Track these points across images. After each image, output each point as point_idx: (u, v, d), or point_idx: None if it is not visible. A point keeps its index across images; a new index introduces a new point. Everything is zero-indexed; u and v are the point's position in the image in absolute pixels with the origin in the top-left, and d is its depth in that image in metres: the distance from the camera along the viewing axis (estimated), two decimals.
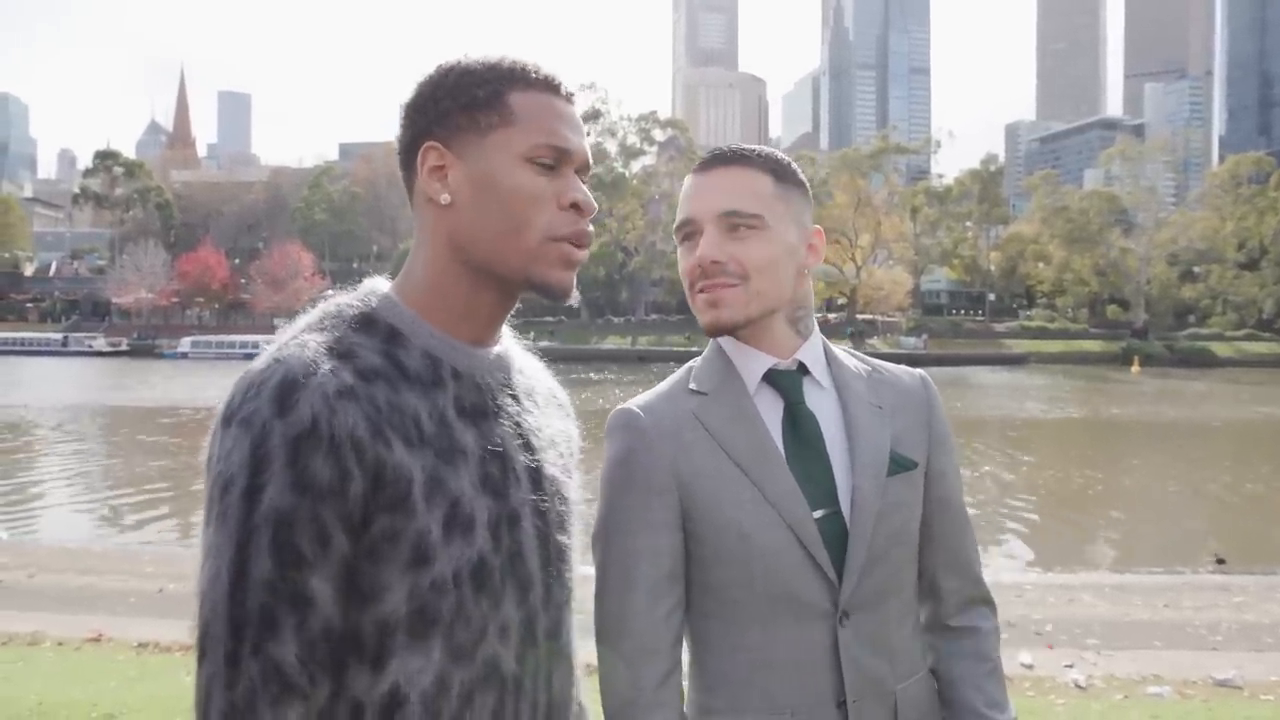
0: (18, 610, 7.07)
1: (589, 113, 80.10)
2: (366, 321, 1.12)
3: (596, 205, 1.19)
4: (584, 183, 1.19)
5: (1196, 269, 77.84)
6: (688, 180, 1.40)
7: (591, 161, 1.21)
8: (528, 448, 1.19)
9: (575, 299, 1.21)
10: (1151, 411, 30.75)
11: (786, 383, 1.38)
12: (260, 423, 0.98)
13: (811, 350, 1.41)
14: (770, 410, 1.37)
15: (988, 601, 1.49)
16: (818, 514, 1.32)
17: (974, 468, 16.47)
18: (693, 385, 1.40)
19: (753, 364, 1.38)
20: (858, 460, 1.35)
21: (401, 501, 1.04)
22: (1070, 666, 5.75)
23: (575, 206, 1.16)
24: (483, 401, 1.16)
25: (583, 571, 1.28)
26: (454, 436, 1.10)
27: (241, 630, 0.97)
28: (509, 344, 1.26)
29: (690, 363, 1.45)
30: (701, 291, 1.35)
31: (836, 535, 1.32)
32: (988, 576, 1.52)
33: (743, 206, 1.34)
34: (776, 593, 1.31)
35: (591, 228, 1.19)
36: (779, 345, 1.39)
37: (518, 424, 1.19)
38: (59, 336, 71.88)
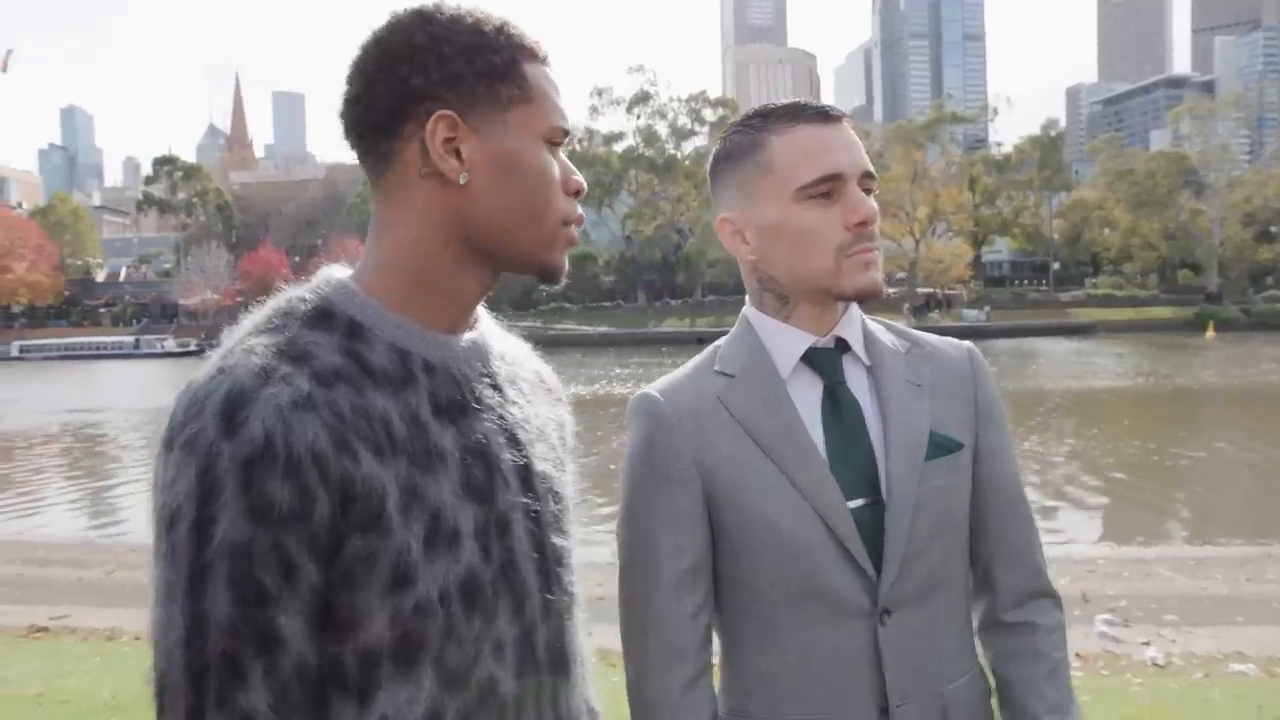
0: (96, 606, 7.26)
1: (639, 95, 79.73)
2: (322, 316, 0.99)
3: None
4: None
5: (1274, 228, 75.00)
6: (803, 131, 1.25)
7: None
8: (514, 444, 1.07)
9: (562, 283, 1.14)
10: (1227, 378, 29.74)
11: (825, 361, 1.29)
12: (205, 445, 0.87)
13: (850, 325, 1.31)
14: (808, 392, 1.28)
15: (1049, 594, 1.36)
16: (855, 503, 1.22)
17: (1041, 440, 16.09)
18: (718, 366, 1.31)
19: (790, 343, 1.29)
20: (892, 443, 1.25)
21: (375, 519, 0.92)
22: (1147, 644, 5.56)
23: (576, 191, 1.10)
24: (460, 396, 1.04)
25: (585, 558, 1.17)
26: (430, 439, 0.98)
27: (203, 681, 0.86)
28: (485, 327, 1.14)
29: (717, 342, 1.35)
30: (863, 252, 1.24)
31: (876, 526, 1.22)
32: (1058, 551, 1.43)
33: (871, 168, 1.27)
34: (810, 588, 1.21)
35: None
36: (821, 321, 1.29)
37: (501, 418, 1.07)
38: (131, 339, 74.07)
